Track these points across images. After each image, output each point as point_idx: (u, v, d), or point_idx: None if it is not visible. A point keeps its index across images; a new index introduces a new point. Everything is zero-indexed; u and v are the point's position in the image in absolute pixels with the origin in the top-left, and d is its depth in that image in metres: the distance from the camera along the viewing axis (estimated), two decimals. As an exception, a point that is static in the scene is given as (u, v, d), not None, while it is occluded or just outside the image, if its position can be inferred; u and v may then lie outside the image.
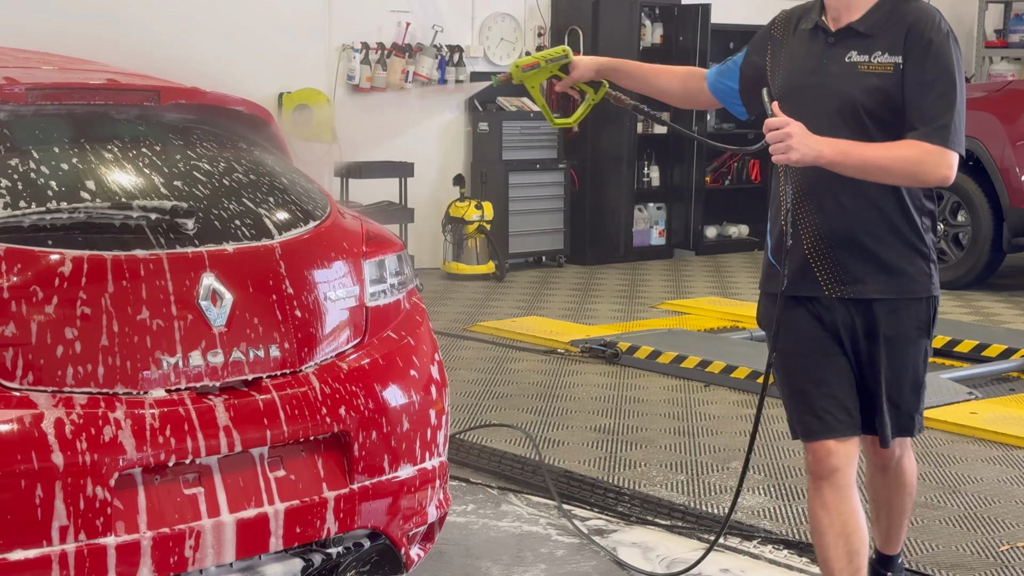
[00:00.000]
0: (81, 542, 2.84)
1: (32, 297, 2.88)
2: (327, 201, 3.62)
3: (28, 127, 3.23)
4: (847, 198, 3.36)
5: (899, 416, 3.48)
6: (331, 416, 3.23)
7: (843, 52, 3.38)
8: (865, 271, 3.39)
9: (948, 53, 3.30)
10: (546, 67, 3.72)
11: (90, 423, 2.87)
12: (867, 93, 3.32)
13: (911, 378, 3.47)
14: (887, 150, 3.26)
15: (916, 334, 3.45)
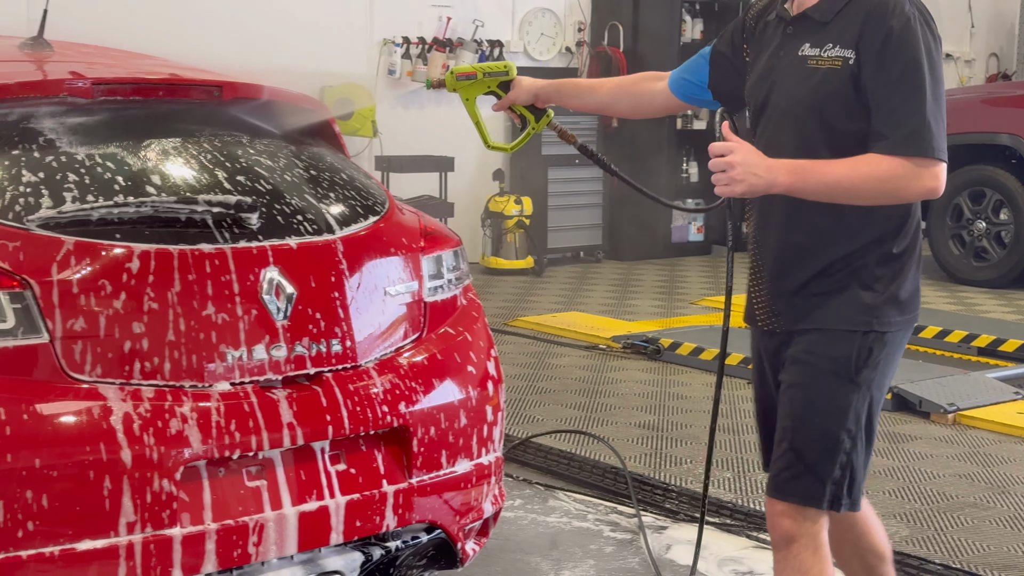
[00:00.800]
0: (147, 533, 2.86)
1: (100, 290, 2.91)
2: (385, 196, 3.63)
3: (94, 121, 3.26)
4: (786, 213, 2.93)
5: (799, 471, 2.90)
6: (391, 411, 3.25)
7: (798, 44, 2.94)
8: (790, 300, 2.95)
9: (913, 42, 2.80)
10: (483, 80, 3.42)
11: (157, 416, 2.89)
12: (815, 93, 2.87)
13: (819, 427, 2.90)
14: (852, 168, 2.79)
15: (829, 368, 2.89)
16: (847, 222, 2.89)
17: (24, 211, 2.93)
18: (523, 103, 3.44)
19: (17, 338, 2.83)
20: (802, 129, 2.90)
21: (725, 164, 2.82)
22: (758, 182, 2.81)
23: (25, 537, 2.75)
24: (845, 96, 2.84)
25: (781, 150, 2.90)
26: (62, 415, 2.82)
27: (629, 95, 3.42)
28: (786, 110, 2.94)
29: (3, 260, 2.84)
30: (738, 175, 2.80)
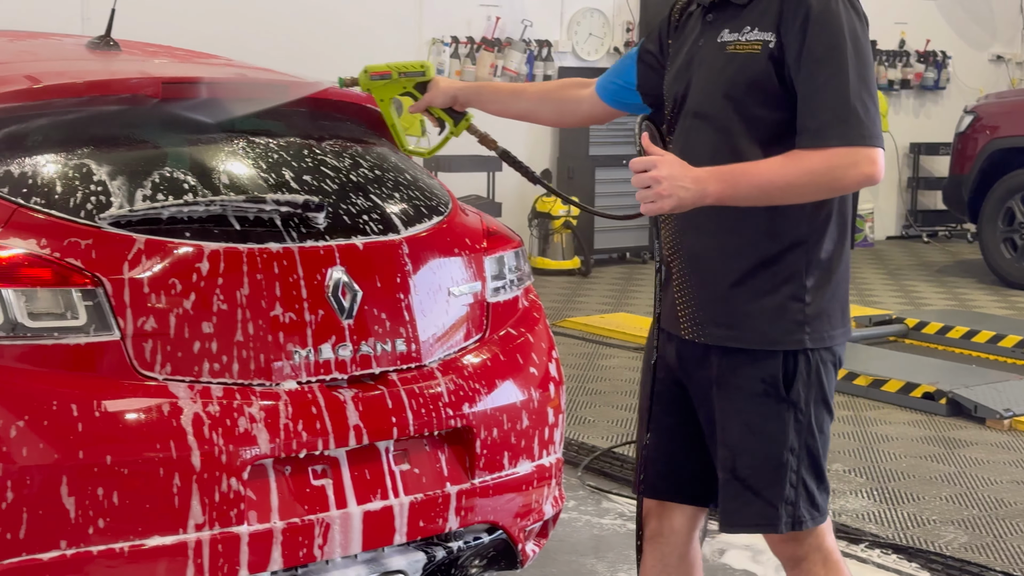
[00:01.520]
0: (215, 531, 2.87)
1: (171, 288, 2.92)
2: (448, 197, 3.63)
3: (163, 120, 3.27)
4: (704, 214, 2.71)
5: (748, 499, 2.80)
6: (455, 411, 3.25)
7: (717, 31, 2.76)
8: (715, 308, 2.78)
9: (834, 22, 2.63)
10: (398, 80, 3.23)
11: (226, 414, 2.91)
12: (733, 81, 2.70)
13: (760, 452, 2.78)
14: (783, 166, 2.62)
15: (758, 390, 2.76)
16: (763, 221, 2.72)
17: (96, 209, 2.95)
18: (440, 105, 3.23)
19: (89, 335, 2.85)
20: (723, 121, 2.73)
21: (650, 179, 2.61)
22: (687, 195, 2.60)
23: (96, 533, 2.77)
24: (766, 82, 2.67)
25: (701, 147, 2.74)
26: (133, 412, 2.84)
27: (553, 101, 3.23)
28: (704, 102, 2.76)
29: (75, 258, 2.86)
30: (665, 190, 2.59)
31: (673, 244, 2.86)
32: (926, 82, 13.38)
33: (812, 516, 2.81)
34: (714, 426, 2.84)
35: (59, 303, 2.84)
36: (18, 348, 2.79)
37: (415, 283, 3.29)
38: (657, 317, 2.92)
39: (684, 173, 2.61)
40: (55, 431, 2.75)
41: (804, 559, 2.85)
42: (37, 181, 2.98)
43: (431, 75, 3.24)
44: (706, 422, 2.87)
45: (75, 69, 3.42)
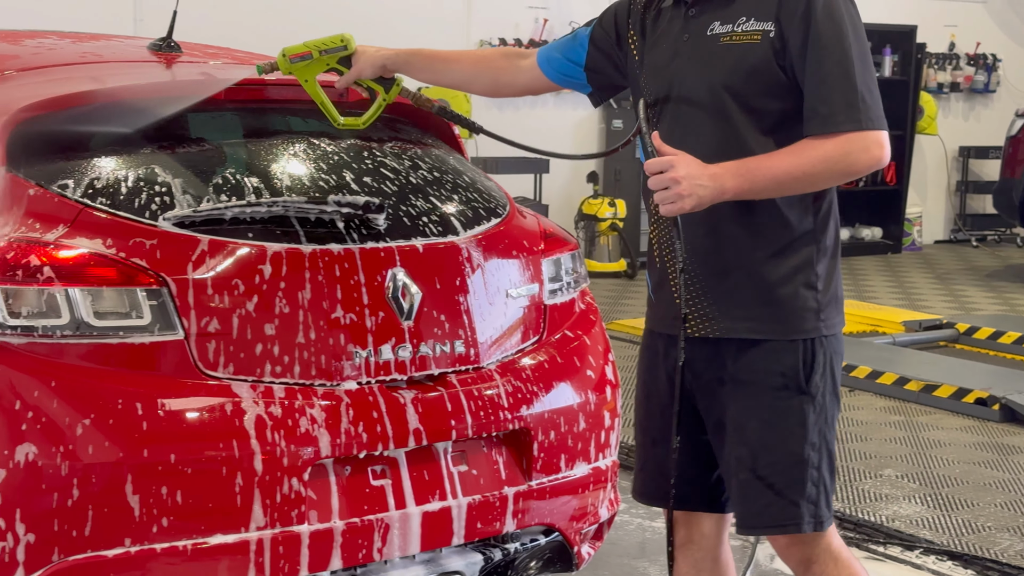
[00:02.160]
0: (276, 530, 2.89)
1: (234, 288, 2.94)
2: (506, 199, 3.64)
3: (225, 121, 3.30)
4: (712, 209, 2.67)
5: (770, 499, 2.75)
6: (512, 413, 3.25)
7: (705, 24, 2.73)
8: (728, 301, 2.75)
9: (837, 10, 2.64)
10: (320, 59, 3.11)
11: (288, 414, 2.92)
12: (732, 73, 2.67)
13: (782, 449, 2.74)
14: (798, 155, 2.62)
15: (778, 383, 2.73)
16: (774, 211, 2.70)
17: (160, 210, 2.98)
18: (369, 76, 3.11)
19: (153, 334, 2.87)
20: (723, 113, 2.69)
21: (669, 180, 2.59)
22: (706, 193, 2.58)
23: (159, 531, 2.79)
24: (766, 72, 2.66)
25: (700, 144, 2.69)
26: (196, 412, 2.86)
27: (489, 71, 3.15)
28: (701, 95, 2.71)
29: (140, 258, 2.89)
30: (684, 190, 2.57)
31: (668, 240, 2.80)
32: (976, 85, 13.28)
33: (829, 516, 2.77)
34: (724, 428, 2.79)
35: (124, 302, 2.86)
36: (84, 347, 2.82)
37: (473, 285, 3.29)
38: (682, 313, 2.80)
39: (701, 171, 2.60)
40: (120, 429, 2.78)
41: (815, 561, 2.81)
42: (102, 182, 3.01)
43: (353, 48, 3.11)
44: (715, 424, 2.82)
45: (138, 71, 3.45)
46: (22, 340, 2.79)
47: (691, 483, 2.91)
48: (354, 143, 3.43)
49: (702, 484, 2.93)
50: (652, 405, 2.94)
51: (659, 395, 2.92)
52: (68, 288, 2.81)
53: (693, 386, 2.84)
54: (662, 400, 2.90)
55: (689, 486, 2.90)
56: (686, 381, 2.83)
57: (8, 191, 2.98)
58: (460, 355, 3.23)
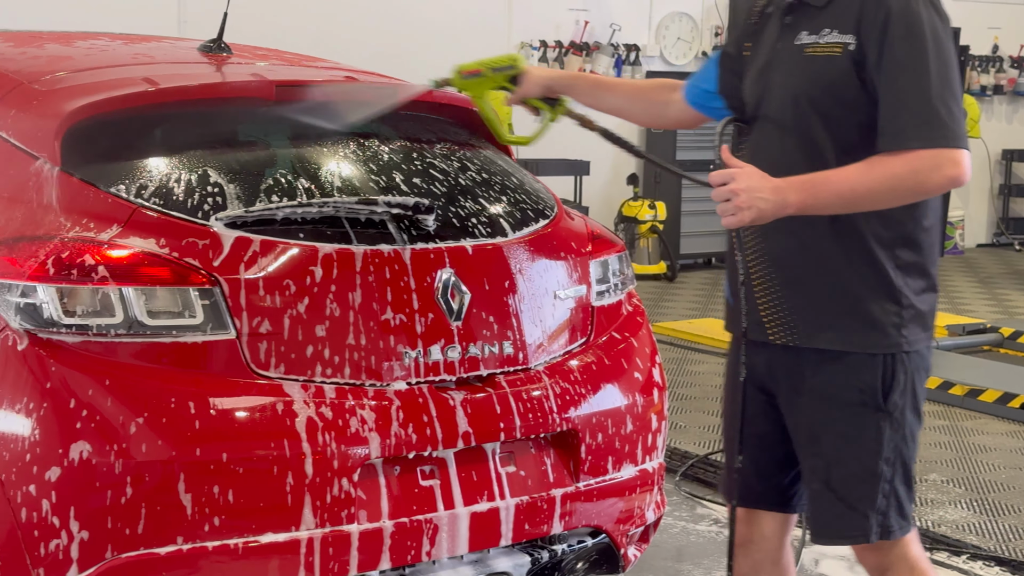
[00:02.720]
0: (327, 529, 2.90)
1: (285, 288, 2.96)
2: (554, 200, 3.64)
3: (275, 122, 3.32)
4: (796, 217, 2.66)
5: (841, 511, 2.76)
6: (560, 415, 3.25)
7: (795, 33, 2.72)
8: (809, 310, 2.74)
9: (916, 22, 2.58)
10: (490, 76, 3.22)
11: (339, 413, 2.93)
12: (812, 84, 2.66)
13: (855, 463, 2.73)
14: (865, 172, 2.57)
15: (855, 399, 2.72)
16: (857, 220, 2.67)
17: (212, 210, 2.99)
18: (534, 96, 3.20)
19: (206, 333, 2.89)
20: (802, 125, 2.68)
21: (728, 192, 2.59)
22: (766, 206, 2.57)
23: (211, 529, 2.81)
24: (847, 85, 2.63)
25: (779, 152, 2.71)
26: (248, 411, 2.87)
27: (643, 101, 3.19)
28: (782, 106, 2.72)
29: (193, 257, 2.91)
30: (744, 202, 2.57)
31: (756, 246, 2.81)
32: (1019, 88, 13.18)
33: (900, 526, 2.77)
34: (804, 435, 2.81)
35: (177, 302, 2.88)
36: (137, 345, 2.84)
37: (522, 286, 3.30)
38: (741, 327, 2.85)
39: (763, 184, 2.58)
40: (173, 428, 2.80)
41: (889, 568, 2.82)
42: (155, 182, 3.03)
43: (521, 67, 3.21)
44: (795, 431, 2.84)
45: (190, 72, 3.48)
46: (76, 339, 2.81)
47: (765, 481, 2.93)
48: (403, 144, 3.44)
49: (776, 484, 2.94)
50: (738, 407, 2.93)
51: (748, 399, 2.91)
52: (122, 287, 2.83)
53: (774, 390, 2.85)
54: (748, 404, 2.90)
55: (762, 484, 2.93)
56: (767, 383, 2.84)
57: (63, 191, 3.01)
58: (508, 356, 3.24)
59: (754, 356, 2.84)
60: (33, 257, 2.84)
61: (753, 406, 2.88)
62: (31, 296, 2.81)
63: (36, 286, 2.81)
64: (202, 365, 2.89)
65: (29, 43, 3.75)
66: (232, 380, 2.89)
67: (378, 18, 9.56)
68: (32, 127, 3.12)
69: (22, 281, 2.81)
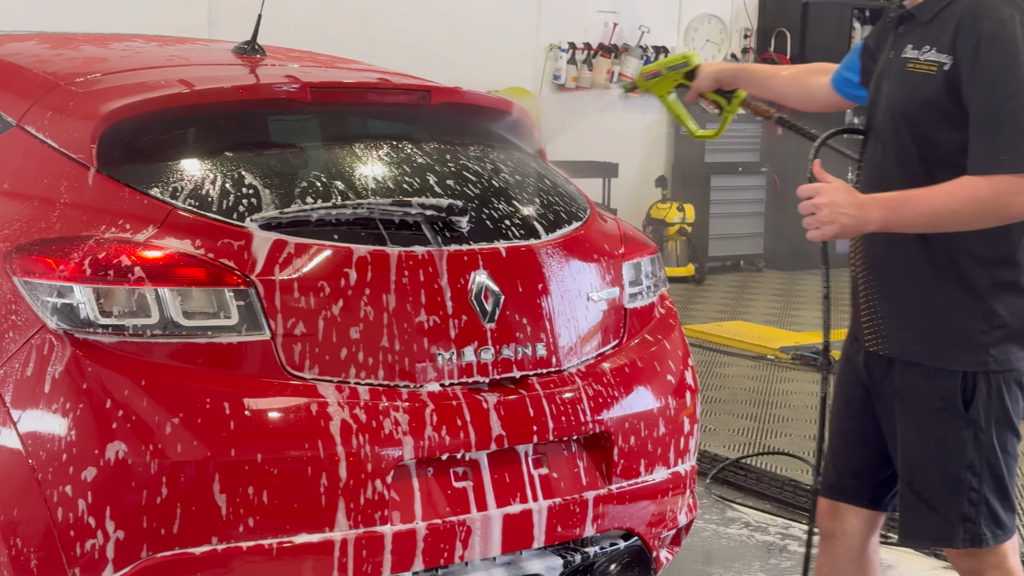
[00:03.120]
0: (360, 530, 2.90)
1: (320, 289, 2.96)
2: (587, 202, 3.64)
3: (310, 124, 3.33)
4: None
5: (924, 512, 2.81)
6: (593, 417, 3.25)
7: (903, 45, 2.76)
8: (898, 321, 2.80)
9: (1009, 44, 2.57)
10: (668, 75, 3.43)
11: (373, 415, 2.94)
12: (908, 101, 2.71)
13: (937, 468, 2.77)
14: (949, 194, 2.60)
15: (937, 406, 2.75)
16: (951, 236, 2.70)
17: (247, 211, 3.00)
18: (707, 90, 3.38)
19: (240, 334, 2.89)
20: (900, 140, 2.73)
21: (812, 207, 2.68)
22: (849, 222, 2.65)
23: (245, 529, 2.82)
24: (940, 104, 2.65)
25: (882, 164, 2.78)
26: (283, 412, 2.88)
27: (799, 87, 3.29)
28: (884, 119, 2.78)
29: (228, 258, 2.91)
30: (826, 217, 2.65)
31: (859, 253, 2.90)
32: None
33: (994, 534, 2.79)
34: (892, 437, 2.88)
35: (212, 303, 2.89)
36: (172, 346, 2.85)
37: (555, 288, 3.30)
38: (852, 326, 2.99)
39: (847, 200, 2.65)
40: (208, 428, 2.80)
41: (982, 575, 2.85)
42: (190, 183, 3.04)
43: (695, 62, 3.38)
44: (889, 432, 2.91)
45: (225, 74, 3.49)
46: (112, 339, 2.82)
47: (856, 477, 3.00)
48: (437, 146, 3.44)
49: (868, 481, 3.00)
50: (843, 404, 3.03)
51: (848, 396, 3.00)
52: (158, 288, 2.84)
53: (873, 392, 2.92)
54: (851, 402, 2.99)
55: (853, 480, 3.00)
56: (867, 382, 2.92)
57: (99, 192, 3.02)
58: (541, 358, 3.24)
59: (857, 355, 2.94)
60: (70, 257, 2.85)
61: (856, 404, 2.97)
62: (68, 296, 2.82)
63: (73, 286, 2.82)
64: (237, 366, 2.90)
65: (65, 45, 3.77)
66: (267, 381, 2.90)
67: (406, 20, 9.57)
68: (69, 128, 3.14)
69: (59, 281, 2.83)
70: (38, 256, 2.89)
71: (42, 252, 2.90)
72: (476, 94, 3.60)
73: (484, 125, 3.65)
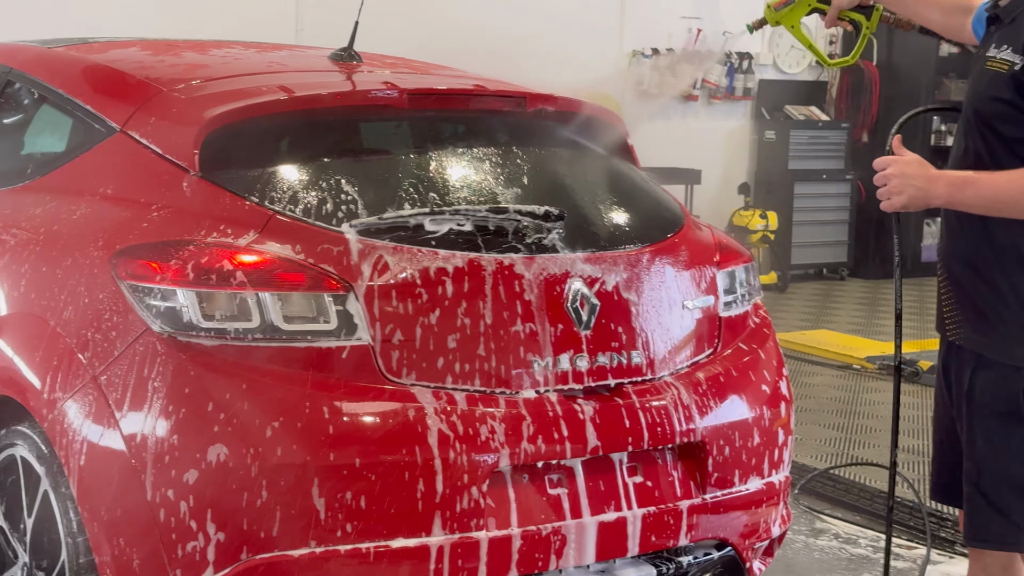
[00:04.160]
0: (457, 536, 2.90)
1: (417, 295, 2.97)
2: (681, 210, 3.62)
3: (407, 130, 3.35)
4: (963, 217, 2.82)
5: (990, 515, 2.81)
6: (688, 426, 3.22)
7: (989, 43, 2.84)
8: (970, 312, 2.83)
9: None
10: (801, 1, 3.32)
11: (469, 420, 2.94)
12: (982, 96, 2.79)
13: (1003, 470, 2.78)
14: (1011, 181, 2.68)
15: (1001, 408, 2.77)
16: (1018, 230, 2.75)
17: (346, 217, 3.02)
18: (848, 7, 3.31)
19: (339, 338, 2.91)
20: (972, 133, 2.82)
21: (885, 177, 2.79)
22: (917, 193, 2.76)
23: (343, 533, 2.83)
24: (1007, 102, 2.73)
25: (957, 153, 2.88)
26: (381, 416, 2.88)
27: (944, 20, 3.22)
28: (967, 111, 2.86)
29: (328, 263, 2.93)
30: (895, 187, 2.77)
31: (940, 245, 2.95)
32: None
33: None
34: (961, 435, 2.88)
35: (312, 307, 2.91)
36: (272, 350, 2.87)
37: (650, 296, 3.28)
38: None
39: (917, 172, 2.76)
40: (307, 432, 2.82)
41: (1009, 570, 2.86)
42: (290, 189, 3.07)
43: None
44: (960, 430, 2.90)
45: (323, 80, 3.52)
46: (214, 342, 2.85)
47: (950, 476, 2.98)
48: (532, 152, 3.44)
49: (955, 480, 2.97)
50: (938, 403, 3.04)
51: (940, 394, 3.01)
52: (259, 292, 2.87)
53: (951, 389, 2.93)
54: (943, 399, 2.99)
55: (947, 479, 3.00)
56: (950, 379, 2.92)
57: (201, 197, 3.06)
58: (636, 366, 3.22)
59: (943, 352, 2.97)
60: (174, 261, 2.89)
61: (942, 401, 2.99)
62: (171, 300, 2.86)
63: (176, 290, 2.86)
64: (335, 370, 2.91)
65: (166, 51, 3.83)
66: (365, 386, 2.91)
67: (489, 27, 9.59)
68: (172, 134, 3.18)
69: (163, 285, 2.87)
70: (142, 259, 2.93)
71: (146, 256, 2.94)
72: (572, 100, 3.60)
73: (579, 131, 3.64)
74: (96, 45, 3.98)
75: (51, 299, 3.08)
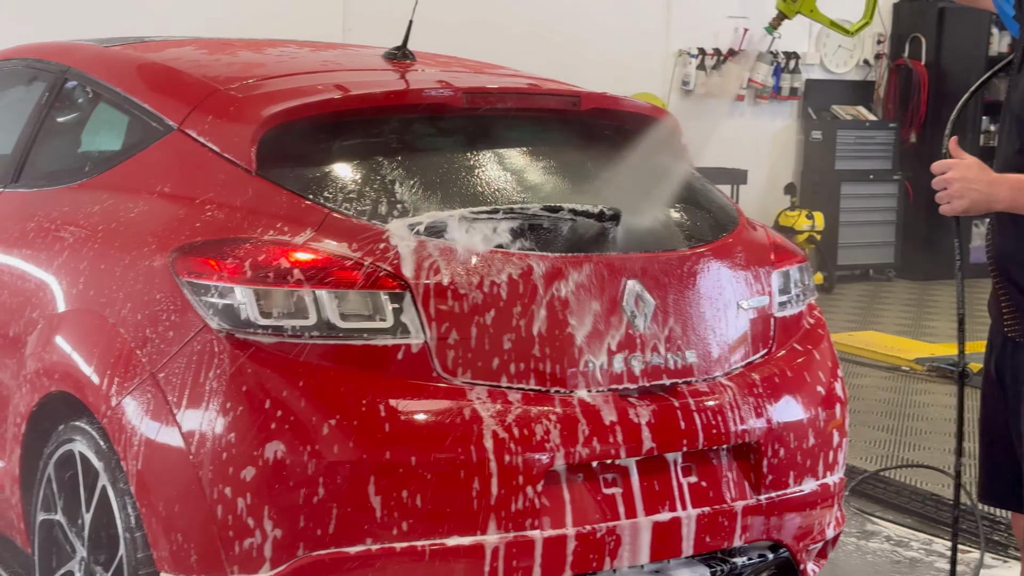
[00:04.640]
0: (512, 535, 2.90)
1: (472, 294, 2.97)
2: (736, 210, 3.61)
3: (462, 129, 3.34)
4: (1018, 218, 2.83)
5: None
6: (742, 426, 3.21)
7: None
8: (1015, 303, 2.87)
9: None
10: None
11: (524, 419, 2.94)
12: (1019, 100, 2.82)
13: None
14: None
15: None
16: None
17: (401, 215, 3.02)
18: None
19: (395, 337, 2.91)
20: (1015, 136, 2.82)
21: (945, 181, 2.76)
22: (979, 197, 2.73)
23: (398, 530, 2.83)
24: None
25: (1012, 153, 2.83)
26: (436, 415, 2.89)
27: None
28: (1015, 112, 2.84)
29: (384, 262, 2.94)
30: (956, 191, 2.74)
31: (991, 241, 2.93)
32: None
33: None
34: (1017, 433, 2.86)
35: (368, 305, 2.92)
36: (328, 347, 2.88)
37: (705, 296, 3.27)
38: None
39: (979, 176, 2.73)
40: (363, 430, 2.83)
41: None
42: (346, 187, 3.07)
43: None
44: (1014, 431, 2.89)
45: (378, 79, 3.53)
46: (272, 340, 2.86)
47: (997, 478, 3.00)
48: (586, 152, 3.44)
49: (1009, 480, 2.98)
50: (988, 404, 3.03)
51: (991, 395, 2.99)
52: (316, 290, 2.88)
53: (1005, 386, 2.93)
54: (995, 400, 2.97)
55: (994, 481, 3.02)
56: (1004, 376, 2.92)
57: (258, 195, 3.07)
58: (691, 366, 3.21)
59: (991, 360, 2.96)
60: (231, 259, 2.90)
61: (993, 402, 2.97)
62: (229, 297, 2.87)
63: (234, 287, 2.87)
64: (391, 368, 2.91)
65: (222, 50, 3.85)
66: (420, 384, 2.92)
67: (536, 27, 9.59)
68: (229, 132, 3.20)
69: (221, 282, 2.88)
70: (200, 257, 2.95)
71: (204, 253, 2.95)
72: (626, 100, 3.59)
73: (633, 131, 3.63)
74: (152, 44, 4.01)
75: (109, 296, 3.11)
